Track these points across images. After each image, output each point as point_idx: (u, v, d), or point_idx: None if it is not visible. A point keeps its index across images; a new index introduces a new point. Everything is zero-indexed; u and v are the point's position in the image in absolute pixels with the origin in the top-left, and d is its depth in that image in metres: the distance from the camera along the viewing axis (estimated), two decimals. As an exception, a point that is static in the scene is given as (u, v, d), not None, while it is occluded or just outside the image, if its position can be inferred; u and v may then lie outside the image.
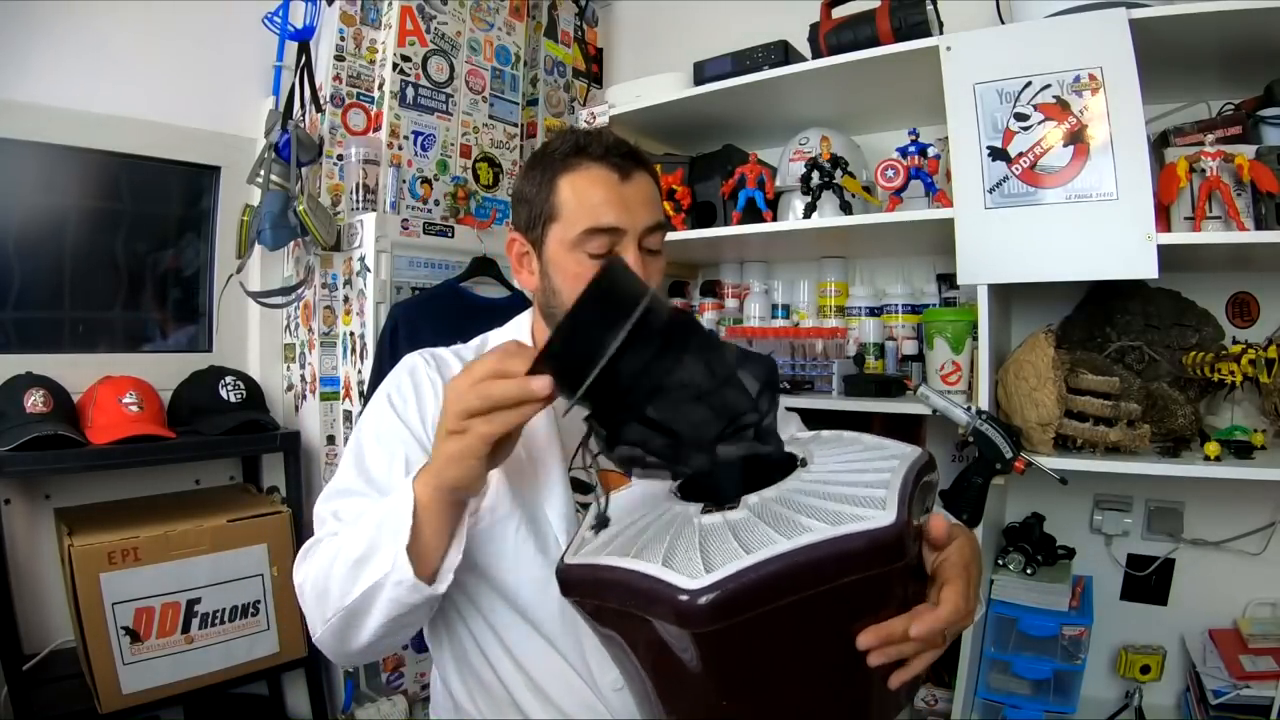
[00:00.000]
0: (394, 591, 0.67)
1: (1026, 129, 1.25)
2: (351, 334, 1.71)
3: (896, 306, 1.69)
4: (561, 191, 0.84)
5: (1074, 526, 1.54)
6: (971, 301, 1.35)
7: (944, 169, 1.40)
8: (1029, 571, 1.41)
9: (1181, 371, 1.34)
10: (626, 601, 0.61)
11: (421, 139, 1.84)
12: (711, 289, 1.97)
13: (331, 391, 1.76)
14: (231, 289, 1.72)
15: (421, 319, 1.59)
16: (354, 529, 0.73)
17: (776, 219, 1.59)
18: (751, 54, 1.58)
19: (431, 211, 1.86)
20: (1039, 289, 1.37)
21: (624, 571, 0.61)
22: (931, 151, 1.42)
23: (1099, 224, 1.20)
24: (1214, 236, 1.18)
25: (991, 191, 1.28)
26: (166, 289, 1.83)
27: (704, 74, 1.65)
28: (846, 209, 1.48)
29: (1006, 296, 1.45)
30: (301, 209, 1.62)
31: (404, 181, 1.81)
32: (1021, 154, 1.26)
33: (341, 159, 1.77)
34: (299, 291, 1.76)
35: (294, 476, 1.67)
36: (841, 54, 1.43)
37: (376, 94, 1.82)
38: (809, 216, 1.51)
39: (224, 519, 1.48)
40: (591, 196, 0.83)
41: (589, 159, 0.84)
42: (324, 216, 1.67)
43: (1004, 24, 1.41)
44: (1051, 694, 1.35)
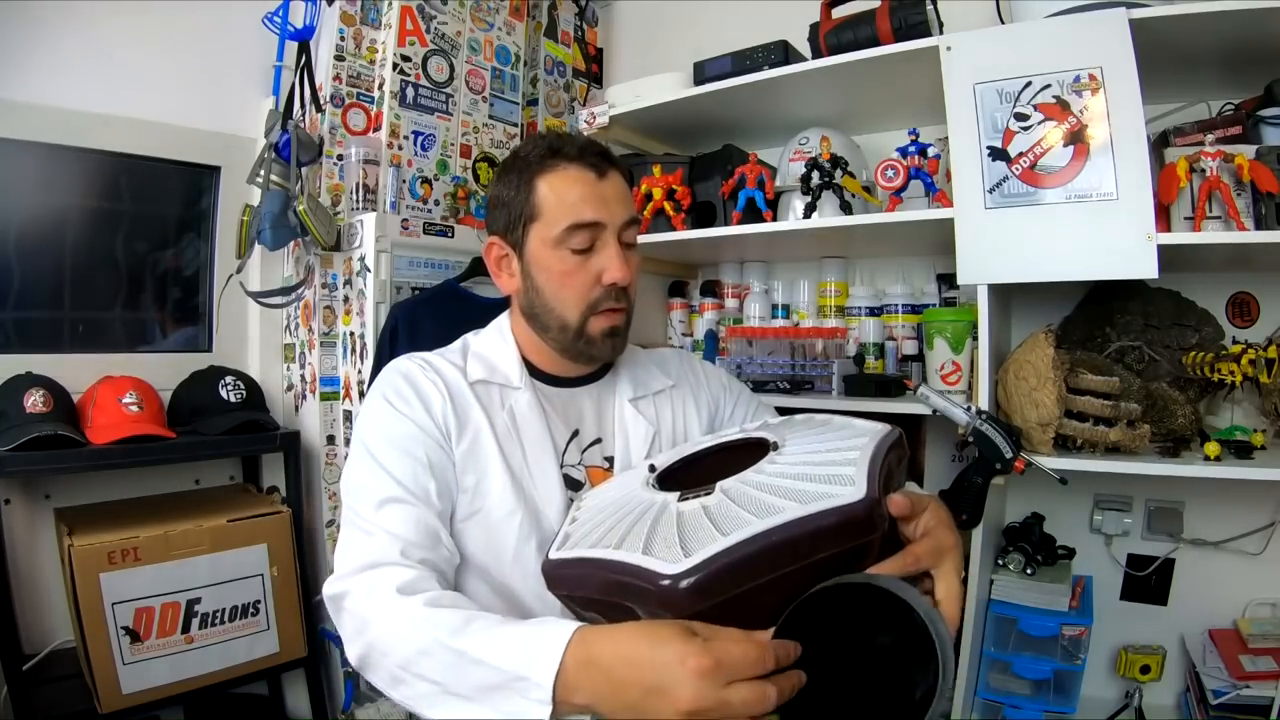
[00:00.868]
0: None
1: (1026, 129, 1.25)
2: (351, 334, 1.71)
3: (896, 306, 1.69)
4: (540, 192, 0.86)
5: (1074, 526, 1.54)
6: (971, 301, 1.35)
7: (944, 169, 1.40)
8: (1029, 571, 1.41)
9: (1181, 371, 1.34)
10: (611, 592, 0.63)
11: (421, 139, 1.84)
12: (711, 289, 1.97)
13: (331, 391, 1.76)
14: (231, 289, 1.73)
15: (421, 319, 1.59)
16: (479, 627, 0.64)
17: (776, 219, 1.59)
18: (751, 54, 1.58)
19: (431, 211, 1.86)
20: (1039, 289, 1.37)
21: (606, 563, 0.63)
22: (931, 151, 1.42)
23: (1099, 224, 1.20)
24: (1214, 236, 1.18)
25: (991, 191, 1.28)
26: (166, 289, 1.83)
27: (704, 74, 1.65)
28: (846, 209, 1.48)
29: (1006, 296, 1.45)
30: (301, 209, 1.62)
31: (404, 181, 1.81)
32: (1021, 154, 1.26)
33: (341, 159, 1.77)
34: (299, 291, 1.76)
35: (294, 476, 1.67)
36: (841, 54, 1.43)
37: (376, 94, 1.82)
38: (809, 216, 1.51)
39: (224, 519, 1.48)
40: (570, 194, 0.85)
41: (565, 160, 0.86)
42: (324, 216, 1.67)
43: (1004, 24, 1.42)
44: (1051, 694, 1.35)
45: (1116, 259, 1.19)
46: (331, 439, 1.76)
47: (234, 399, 1.63)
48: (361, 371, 1.67)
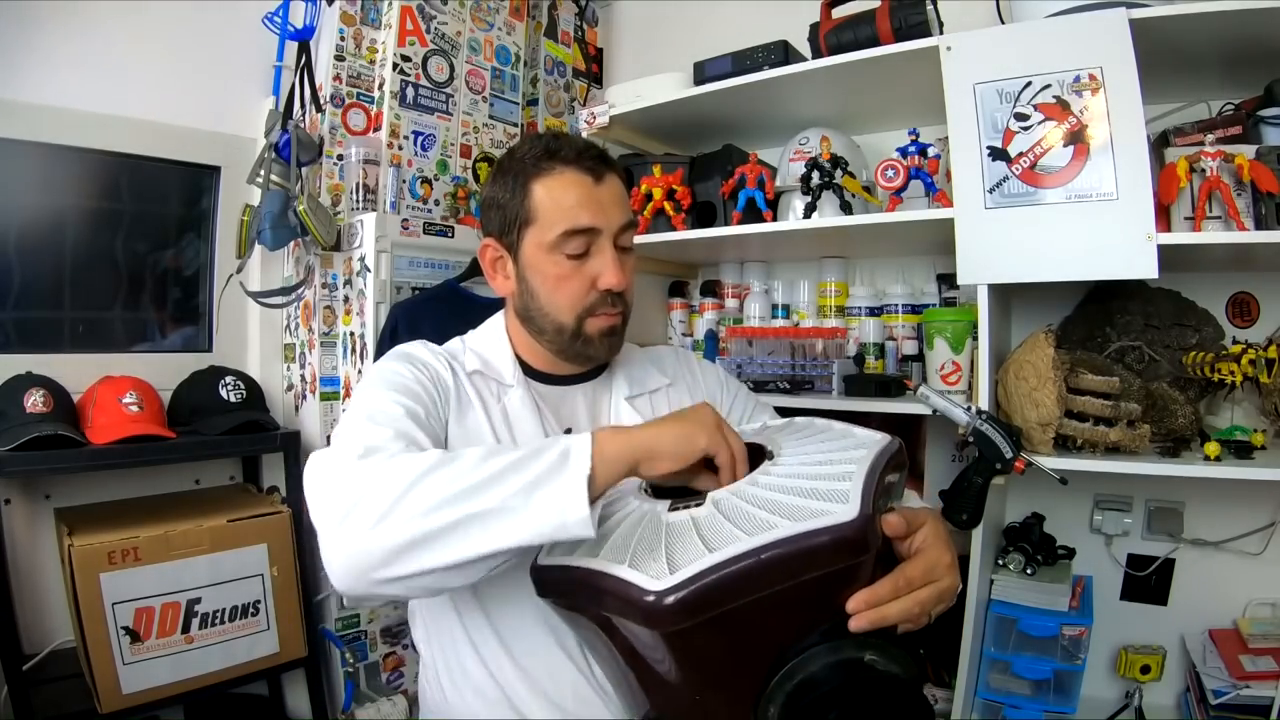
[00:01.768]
0: (548, 514, 0.61)
1: (1026, 129, 1.25)
2: (351, 334, 1.71)
3: (896, 306, 1.69)
4: (535, 195, 0.85)
5: (1074, 526, 1.54)
6: (971, 301, 1.35)
7: (944, 169, 1.40)
8: (1029, 571, 1.41)
9: (1181, 371, 1.33)
10: (596, 603, 0.62)
11: (421, 139, 1.84)
12: (711, 289, 1.97)
13: (331, 391, 1.76)
14: (231, 289, 1.72)
15: (421, 319, 1.59)
16: (493, 452, 0.66)
17: (776, 219, 1.59)
18: (751, 54, 1.57)
19: (431, 211, 1.86)
20: (1039, 289, 1.37)
21: (592, 573, 0.62)
22: (931, 151, 1.42)
23: (1099, 224, 1.20)
24: (1214, 236, 1.18)
25: (991, 191, 1.28)
26: (166, 289, 1.83)
27: (704, 74, 1.65)
28: (846, 209, 1.48)
29: (1006, 296, 1.45)
30: (301, 209, 1.62)
31: (404, 181, 1.81)
32: (1021, 154, 1.26)
33: (341, 159, 1.77)
34: (299, 291, 1.76)
35: (294, 476, 1.67)
36: (841, 54, 1.43)
37: (376, 94, 1.82)
38: (809, 216, 1.51)
39: (224, 519, 1.48)
40: (566, 199, 0.84)
41: (561, 163, 0.85)
42: (324, 216, 1.67)
43: (1004, 24, 1.41)
44: (1051, 694, 1.35)
45: (1116, 259, 1.19)
46: (331, 439, 1.75)
47: (234, 399, 1.63)
48: (361, 372, 1.67)
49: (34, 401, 1.39)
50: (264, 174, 1.64)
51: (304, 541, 1.60)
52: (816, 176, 1.50)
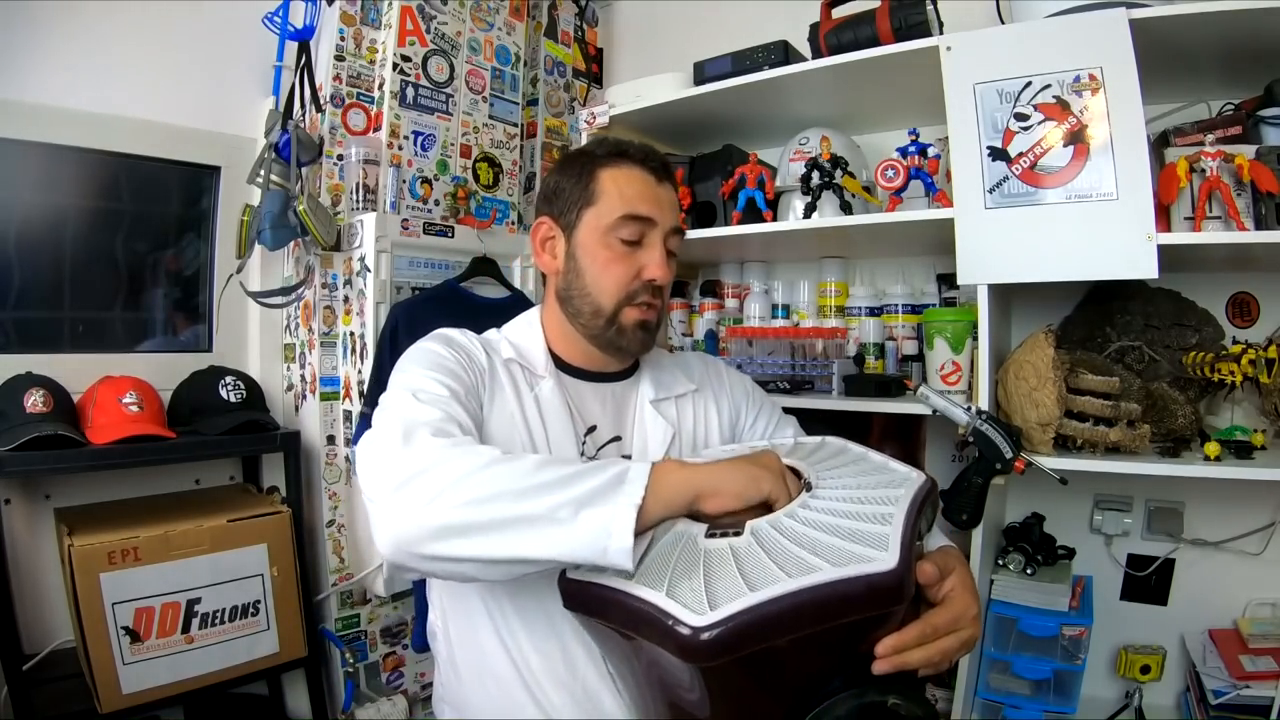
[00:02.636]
0: (590, 535, 0.63)
1: (1026, 129, 1.25)
2: (351, 334, 1.71)
3: (896, 306, 1.69)
4: (602, 180, 0.91)
5: (1074, 526, 1.54)
6: (971, 301, 1.35)
7: (944, 169, 1.40)
8: (1029, 571, 1.41)
9: (1181, 371, 1.34)
10: (629, 625, 0.62)
11: (421, 139, 1.84)
12: (711, 289, 1.97)
13: (331, 391, 1.76)
14: (231, 289, 1.72)
15: (421, 319, 1.58)
16: (552, 461, 0.69)
17: (776, 219, 1.59)
18: (751, 54, 1.58)
19: (431, 211, 1.86)
20: (1039, 289, 1.37)
21: (628, 596, 0.62)
22: (931, 151, 1.42)
23: (1099, 224, 1.20)
24: (1214, 236, 1.18)
25: (991, 191, 1.28)
26: (166, 289, 1.83)
27: (704, 74, 1.65)
28: (846, 209, 1.48)
29: (1006, 296, 1.45)
30: (301, 209, 1.62)
31: (404, 181, 1.81)
32: (1021, 154, 1.26)
33: (341, 159, 1.77)
34: (299, 291, 1.76)
35: (294, 476, 1.67)
36: (841, 54, 1.43)
37: (376, 94, 1.82)
38: (809, 216, 1.51)
39: (224, 519, 1.48)
40: (630, 189, 0.91)
41: (629, 160, 0.92)
42: (324, 216, 1.67)
43: (1004, 24, 1.42)
44: (1051, 694, 1.35)
45: (1116, 259, 1.19)
46: (331, 439, 1.76)
47: (234, 399, 1.63)
48: (361, 372, 1.67)
49: (34, 401, 1.38)
50: (264, 174, 1.64)
51: (304, 541, 1.60)
52: (816, 176, 1.50)
